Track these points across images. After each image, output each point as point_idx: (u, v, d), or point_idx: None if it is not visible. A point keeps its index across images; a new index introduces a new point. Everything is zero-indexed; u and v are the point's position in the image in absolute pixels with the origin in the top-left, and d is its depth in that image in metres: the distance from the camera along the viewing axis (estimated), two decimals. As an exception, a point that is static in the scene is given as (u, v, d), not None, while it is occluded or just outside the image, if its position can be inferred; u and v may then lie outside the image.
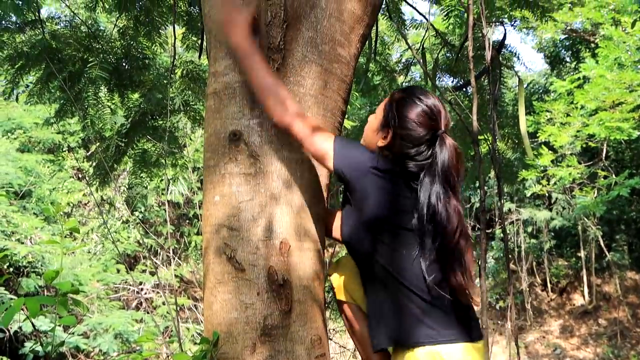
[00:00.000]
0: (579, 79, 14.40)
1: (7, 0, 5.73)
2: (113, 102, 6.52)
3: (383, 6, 5.78)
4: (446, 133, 2.39)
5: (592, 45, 17.32)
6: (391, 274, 2.31)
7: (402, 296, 2.27)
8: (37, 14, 6.10)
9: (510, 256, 22.20)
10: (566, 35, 19.52)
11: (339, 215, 2.68)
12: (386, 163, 2.38)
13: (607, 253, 20.57)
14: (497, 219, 21.84)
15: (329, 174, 2.65)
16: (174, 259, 17.00)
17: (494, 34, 17.58)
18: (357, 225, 2.40)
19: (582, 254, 21.18)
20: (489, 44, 3.91)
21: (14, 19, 6.22)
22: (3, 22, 6.15)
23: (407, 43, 5.57)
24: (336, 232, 2.70)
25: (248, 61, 2.44)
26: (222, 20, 2.55)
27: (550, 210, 21.18)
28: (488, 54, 3.96)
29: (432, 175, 2.30)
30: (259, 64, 2.43)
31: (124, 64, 6.29)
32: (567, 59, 20.65)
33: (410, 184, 2.34)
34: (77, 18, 6.42)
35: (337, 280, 2.73)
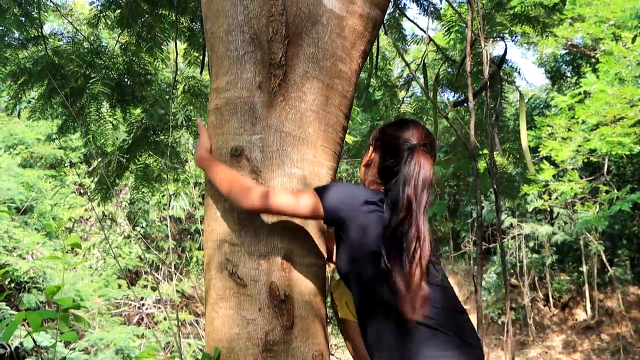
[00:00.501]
0: (579, 93, 14.45)
1: (10, 17, 5.77)
2: (115, 117, 6.54)
3: (384, 22, 5.80)
4: (424, 148, 2.44)
5: (593, 60, 17.37)
6: (389, 304, 2.28)
7: (402, 325, 2.25)
8: (39, 30, 6.14)
9: (512, 271, 22.17)
10: (567, 51, 19.58)
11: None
12: (374, 194, 2.41)
13: (609, 268, 20.53)
14: (498, 234, 21.80)
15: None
16: (175, 274, 16.99)
17: (495, 49, 17.66)
18: (352, 258, 2.38)
19: (584, 268, 21.13)
20: (487, 60, 3.93)
21: (16, 35, 6.26)
22: (6, 38, 6.19)
23: (403, 59, 5.59)
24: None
25: (212, 166, 2.54)
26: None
27: (552, 225, 21.15)
28: (486, 70, 3.98)
29: (398, 183, 2.34)
30: (219, 164, 2.52)
31: (126, 80, 6.32)
32: (568, 74, 20.70)
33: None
34: (79, 34, 6.45)
35: (339, 298, 2.72)
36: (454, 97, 8.10)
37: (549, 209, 20.40)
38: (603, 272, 21.24)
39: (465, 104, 7.01)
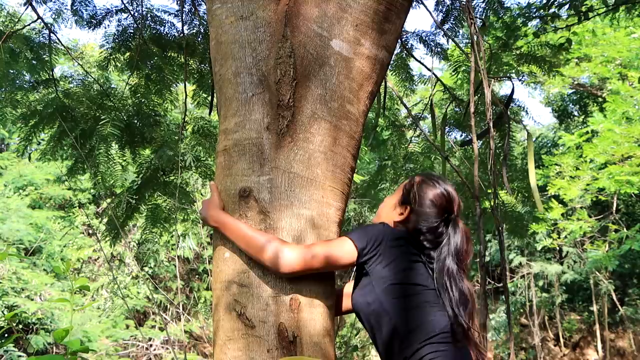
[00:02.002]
0: (587, 132, 14.47)
1: (22, 60, 5.84)
2: (124, 159, 6.58)
3: (391, 62, 5.84)
4: (458, 217, 2.61)
5: (600, 99, 17.42)
6: (405, 331, 2.36)
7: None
8: (50, 73, 6.20)
9: (522, 310, 22.00)
10: (574, 90, 19.63)
11: (346, 291, 2.83)
12: (403, 233, 2.55)
13: (620, 307, 20.34)
14: (507, 273, 21.69)
15: (338, 230, 2.66)
16: (183, 314, 16.94)
17: (502, 88, 17.74)
18: (375, 292, 2.43)
19: (594, 308, 20.95)
20: (489, 101, 3.96)
21: (27, 77, 6.33)
22: (17, 81, 6.26)
23: (404, 105, 5.63)
24: (346, 304, 2.83)
25: (229, 223, 2.52)
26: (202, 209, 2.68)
27: (562, 264, 21.02)
28: (489, 112, 4.00)
29: (446, 254, 2.49)
30: (238, 222, 2.51)
31: (135, 121, 6.36)
32: (575, 113, 20.73)
33: (423, 256, 2.51)
34: (89, 77, 6.52)
35: None
36: (461, 136, 8.13)
37: (558, 248, 20.30)
38: (614, 312, 21.04)
39: (472, 144, 7.04)
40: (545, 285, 22.02)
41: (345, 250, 2.42)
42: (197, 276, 19.53)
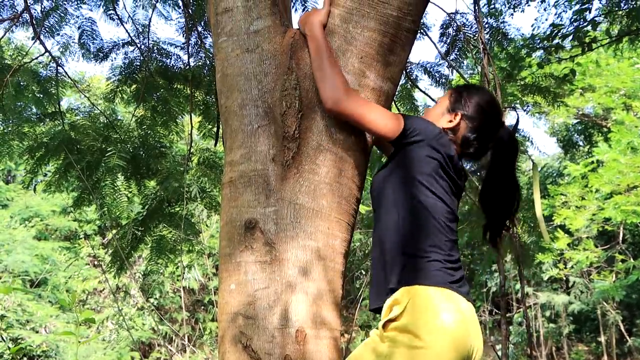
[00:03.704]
0: (592, 162, 14.48)
1: (29, 93, 5.88)
2: (130, 190, 6.59)
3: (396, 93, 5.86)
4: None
5: (605, 129, 17.46)
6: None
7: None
8: (57, 106, 6.24)
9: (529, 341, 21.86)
10: (578, 120, 19.69)
11: None
12: (449, 142, 2.56)
13: (628, 338, 20.20)
14: (515, 304, 21.58)
15: (344, 262, 2.65)
16: (189, 346, 16.87)
17: (507, 118, 17.80)
18: (398, 176, 2.53)
19: (602, 338, 20.81)
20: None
21: (34, 110, 6.36)
22: (24, 114, 6.29)
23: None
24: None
25: (317, 38, 2.62)
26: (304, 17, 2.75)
27: (568, 294, 20.94)
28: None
29: (498, 170, 2.67)
30: (324, 44, 2.61)
31: (141, 153, 6.38)
32: (580, 143, 20.78)
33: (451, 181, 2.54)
34: (96, 109, 6.55)
35: None
36: (467, 165, 8.13)
37: (564, 278, 20.23)
38: (622, 342, 20.90)
39: (481, 173, 7.04)
40: (552, 315, 21.90)
41: (391, 122, 2.50)
42: (202, 307, 19.47)
